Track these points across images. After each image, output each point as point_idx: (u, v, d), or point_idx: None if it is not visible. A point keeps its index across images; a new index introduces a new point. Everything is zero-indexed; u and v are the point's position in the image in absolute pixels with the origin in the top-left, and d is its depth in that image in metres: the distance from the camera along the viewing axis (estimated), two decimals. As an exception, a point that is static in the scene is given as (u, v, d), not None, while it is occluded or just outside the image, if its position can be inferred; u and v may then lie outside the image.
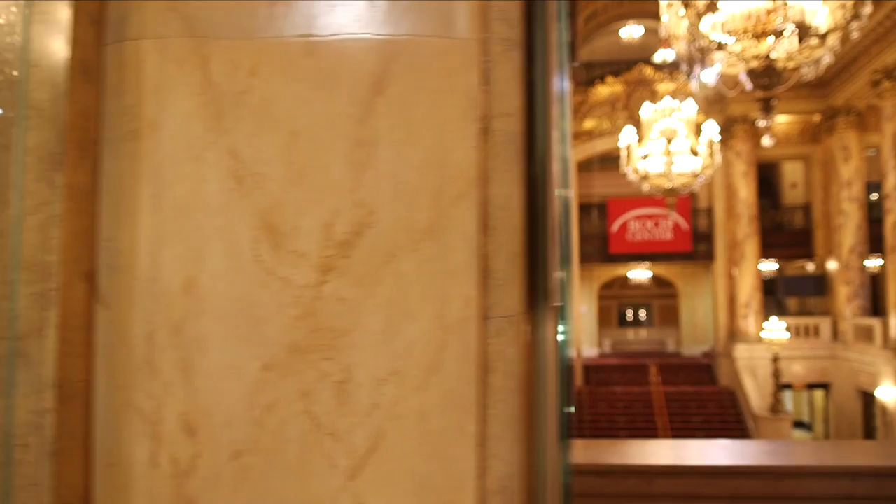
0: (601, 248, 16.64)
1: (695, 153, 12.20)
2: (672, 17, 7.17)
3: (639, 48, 16.43)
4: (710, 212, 16.54)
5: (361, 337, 0.79)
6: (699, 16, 6.91)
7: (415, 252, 0.78)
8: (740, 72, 7.11)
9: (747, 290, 15.41)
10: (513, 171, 0.79)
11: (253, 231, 0.81)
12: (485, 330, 0.77)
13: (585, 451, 2.96)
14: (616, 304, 21.16)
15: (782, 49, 6.72)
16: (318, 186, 0.81)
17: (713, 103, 16.05)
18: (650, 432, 14.20)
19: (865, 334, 14.04)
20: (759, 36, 6.72)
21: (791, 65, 6.97)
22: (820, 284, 15.73)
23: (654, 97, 14.55)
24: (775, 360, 13.76)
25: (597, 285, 19.98)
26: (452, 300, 0.77)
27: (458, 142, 0.78)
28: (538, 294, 0.80)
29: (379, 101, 0.80)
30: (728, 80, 9.03)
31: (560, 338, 0.80)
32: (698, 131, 12.30)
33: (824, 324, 15.38)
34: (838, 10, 6.74)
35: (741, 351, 15.19)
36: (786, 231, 16.78)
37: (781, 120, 16.13)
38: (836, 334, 15.23)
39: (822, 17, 6.81)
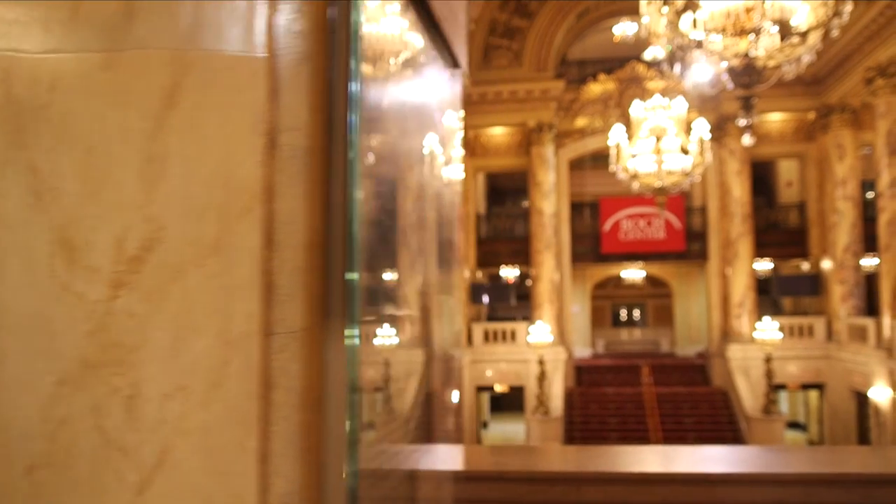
0: (593, 248, 16.61)
1: (685, 151, 12.14)
2: (652, 15, 7.13)
3: (632, 45, 16.36)
4: (704, 210, 16.48)
5: (150, 352, 0.79)
6: (678, 14, 6.88)
7: (201, 268, 0.78)
8: (721, 70, 7.08)
9: (741, 290, 15.35)
10: (300, 185, 0.78)
11: (49, 246, 0.81)
12: (268, 346, 0.77)
13: (519, 458, 2.96)
14: (610, 303, 21.10)
15: (762, 47, 6.68)
16: (112, 202, 0.81)
17: (706, 101, 15.99)
18: (641, 434, 14.18)
19: (859, 334, 13.96)
20: (739, 34, 6.69)
21: (772, 63, 6.94)
22: (814, 284, 15.66)
23: (646, 95, 14.50)
24: (768, 360, 13.71)
25: (590, 285, 19.92)
26: (236, 316, 0.77)
27: (244, 157, 0.78)
28: (328, 309, 0.80)
29: (171, 115, 0.80)
30: (712, 78, 9.00)
31: (349, 352, 0.79)
32: (689, 129, 12.23)
33: (818, 323, 15.30)
34: (820, 8, 6.70)
35: (734, 351, 15.14)
36: (781, 230, 16.70)
37: (776, 118, 16.08)
38: (830, 334, 15.16)
39: (803, 16, 6.77)
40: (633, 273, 17.79)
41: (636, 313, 21.41)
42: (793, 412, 18.55)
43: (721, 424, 14.54)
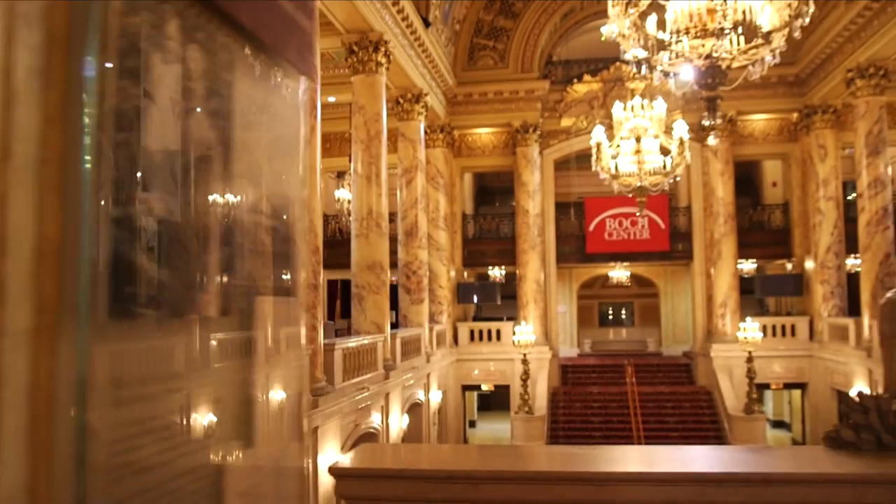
0: (579, 248, 16.66)
1: (666, 152, 12.20)
2: (619, 17, 7.16)
3: (617, 46, 16.38)
4: (689, 210, 16.54)
5: None
6: (644, 15, 6.92)
7: (-65, 273, 0.82)
8: (685, 71, 7.13)
9: (724, 290, 15.41)
10: (32, 194, 0.82)
11: None
12: (-2, 346, 0.81)
13: (425, 456, 3.00)
14: (597, 303, 21.15)
15: (725, 49, 6.72)
16: None
17: (690, 101, 16.04)
18: (625, 433, 14.24)
19: (840, 334, 14.03)
20: (703, 35, 6.73)
21: (736, 65, 6.98)
22: (798, 284, 15.72)
23: (631, 96, 14.54)
24: (750, 360, 13.77)
25: (576, 285, 19.97)
26: (-32, 317, 0.81)
27: (-21, 166, 0.82)
28: (60, 310, 0.84)
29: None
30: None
31: (81, 350, 0.84)
32: (669, 129, 12.28)
33: (801, 323, 15.37)
34: (784, 10, 6.74)
35: (717, 351, 15.21)
36: (766, 230, 16.77)
37: (760, 118, 16.14)
38: (812, 334, 15.22)
39: (766, 17, 6.81)
40: (619, 273, 17.86)
41: (623, 313, 21.47)
42: (778, 411, 18.63)
43: (704, 424, 14.60)
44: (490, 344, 15.79)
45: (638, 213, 12.68)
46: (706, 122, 7.30)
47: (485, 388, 16.14)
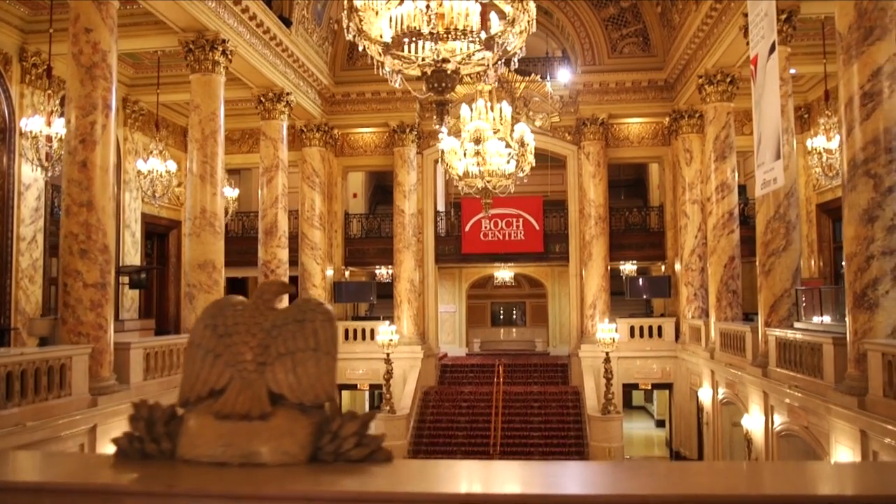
0: (457, 248, 16.71)
1: (511, 153, 12.30)
2: (347, 20, 7.19)
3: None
4: (566, 212, 16.67)
5: None
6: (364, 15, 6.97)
7: None
8: (417, 75, 7.18)
9: (593, 291, 15.56)
10: None
11: None
12: None
13: None
14: (489, 303, 21.22)
15: (445, 53, 6.79)
16: None
17: (567, 105, 16.16)
18: (486, 433, 14.32)
19: (696, 336, 14.23)
20: (420, 39, 6.79)
21: (466, 69, 7.07)
22: (668, 285, 15.91)
23: (509, 96, 14.61)
24: (607, 360, 13.91)
25: (466, 284, 20.03)
26: None
27: None
28: None
29: None
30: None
31: None
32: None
33: (668, 325, 15.56)
34: (511, 13, 6.84)
35: (585, 351, 15.35)
36: (646, 232, 16.95)
37: (635, 122, 16.31)
38: (678, 335, 15.42)
39: (496, 23, 6.90)
40: (503, 273, 17.95)
41: (515, 313, 21.57)
42: (661, 411, 18.85)
43: (568, 423, 14.72)
44: (364, 343, 15.80)
45: (484, 214, 12.75)
46: (437, 126, 7.39)
47: (360, 387, 16.15)
